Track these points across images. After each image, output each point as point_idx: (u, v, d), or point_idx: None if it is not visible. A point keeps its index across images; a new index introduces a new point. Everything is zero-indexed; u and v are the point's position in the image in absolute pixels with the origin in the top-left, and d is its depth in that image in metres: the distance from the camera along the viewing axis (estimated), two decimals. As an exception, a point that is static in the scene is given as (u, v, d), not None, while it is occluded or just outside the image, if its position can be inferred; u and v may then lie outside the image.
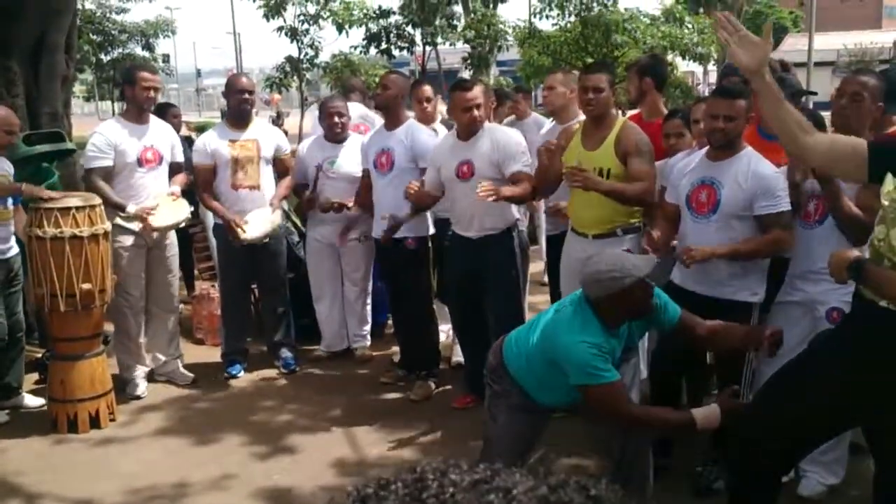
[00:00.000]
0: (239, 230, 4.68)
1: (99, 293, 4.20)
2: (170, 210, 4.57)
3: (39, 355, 4.89)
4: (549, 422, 3.09)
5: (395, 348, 5.15)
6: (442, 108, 5.53)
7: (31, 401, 4.53)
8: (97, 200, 4.24)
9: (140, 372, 4.79)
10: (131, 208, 4.45)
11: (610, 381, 2.65)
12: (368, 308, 5.38)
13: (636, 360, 3.98)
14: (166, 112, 6.68)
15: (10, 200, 4.30)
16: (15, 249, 4.36)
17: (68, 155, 5.43)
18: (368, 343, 5.35)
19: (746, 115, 3.31)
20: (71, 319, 4.18)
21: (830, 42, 32.85)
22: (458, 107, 4.10)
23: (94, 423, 4.24)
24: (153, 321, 4.87)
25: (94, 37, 21.75)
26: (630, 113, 5.06)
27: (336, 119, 4.95)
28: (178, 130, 6.50)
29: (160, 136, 4.73)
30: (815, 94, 5.18)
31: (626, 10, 14.51)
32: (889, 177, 2.34)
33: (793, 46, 32.75)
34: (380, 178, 4.61)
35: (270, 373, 5.08)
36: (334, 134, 4.98)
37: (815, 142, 2.44)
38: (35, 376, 4.84)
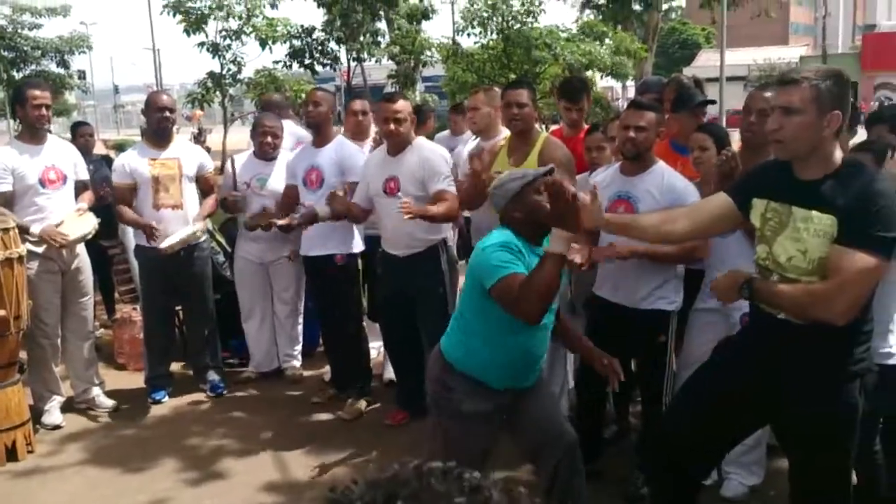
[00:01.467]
0: (156, 240, 4.56)
1: (14, 320, 4.04)
2: (75, 224, 4.44)
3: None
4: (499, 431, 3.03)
5: (327, 367, 5.10)
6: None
7: None
8: (12, 223, 4.08)
9: (56, 401, 4.62)
10: (35, 229, 4.30)
11: (514, 272, 2.63)
12: (300, 327, 5.31)
13: (563, 371, 4.06)
14: (77, 131, 6.50)
15: None
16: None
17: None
18: (299, 363, 5.28)
19: (657, 129, 3.40)
20: (-16, 348, 4.00)
21: (741, 57, 34.43)
22: (381, 118, 4.13)
23: (12, 455, 4.07)
24: (68, 348, 4.70)
25: (6, 53, 20.97)
26: (553, 128, 5.16)
27: (269, 138, 4.92)
28: (91, 149, 6.32)
29: (60, 154, 4.58)
30: (714, 102, 5.44)
31: (544, 27, 14.79)
32: (755, 200, 2.47)
33: (706, 62, 34.19)
34: (309, 194, 4.58)
35: (197, 396, 4.96)
36: (264, 152, 4.94)
37: (673, 223, 2.70)
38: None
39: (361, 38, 15.51)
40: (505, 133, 4.22)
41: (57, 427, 4.50)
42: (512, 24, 14.57)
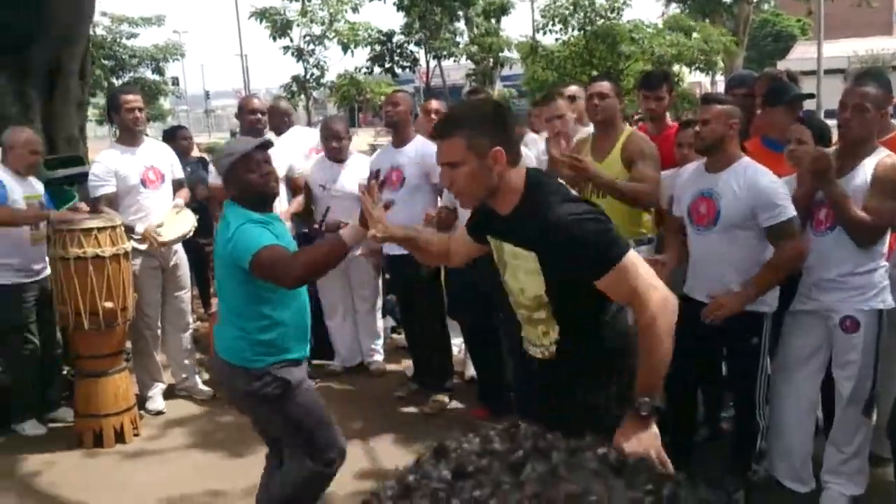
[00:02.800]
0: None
1: (121, 311, 4.33)
2: (175, 223, 4.70)
3: (64, 372, 5.03)
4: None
5: (409, 362, 5.25)
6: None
7: (67, 414, 4.66)
8: (118, 221, 4.37)
9: (158, 388, 4.92)
10: (139, 228, 4.57)
11: (269, 244, 2.70)
12: (380, 322, 5.49)
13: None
14: (176, 134, 6.85)
15: (42, 223, 4.46)
16: (49, 270, 4.51)
17: (87, 178, 5.58)
18: (382, 357, 5.45)
19: (727, 122, 3.24)
20: (94, 337, 4.30)
21: (840, 49, 32.36)
22: None
23: (120, 437, 4.37)
24: (168, 339, 5.00)
25: (106, 62, 22.02)
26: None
27: (334, 142, 5.06)
28: (189, 152, 6.65)
29: (158, 155, 4.86)
30: (812, 96, 5.22)
31: (629, 21, 14.59)
32: (489, 235, 2.41)
33: (802, 55, 32.52)
34: (389, 194, 4.71)
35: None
36: (333, 154, 5.10)
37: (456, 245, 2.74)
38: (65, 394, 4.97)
39: (439, 39, 15.69)
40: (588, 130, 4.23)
41: (159, 413, 4.80)
42: (595, 19, 14.43)
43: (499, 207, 2.25)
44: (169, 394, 5.00)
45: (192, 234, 4.82)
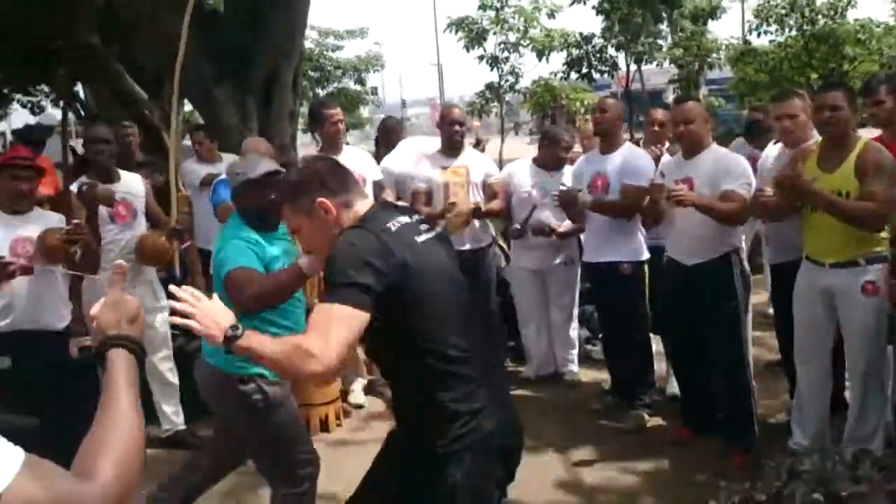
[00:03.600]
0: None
1: (330, 309, 4.53)
2: None
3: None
4: None
5: (605, 375, 5.10)
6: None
7: None
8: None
9: (359, 383, 5.10)
10: None
11: (243, 266, 2.80)
12: (575, 332, 5.39)
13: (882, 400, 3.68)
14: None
15: None
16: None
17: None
18: (577, 368, 5.34)
19: None
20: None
21: None
22: (672, 121, 4.13)
23: (324, 427, 4.60)
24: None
25: (313, 73, 23.40)
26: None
27: (557, 150, 5.06)
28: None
29: (357, 162, 5.01)
30: None
31: (855, 20, 13.42)
32: None
33: None
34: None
35: (481, 392, 5.19)
36: (547, 162, 5.08)
37: None
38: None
39: (641, 42, 15.22)
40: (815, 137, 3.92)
41: (360, 406, 4.98)
42: (816, 19, 13.40)
43: None
44: (369, 389, 5.17)
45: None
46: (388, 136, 5.98)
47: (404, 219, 2.17)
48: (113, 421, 1.23)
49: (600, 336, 5.53)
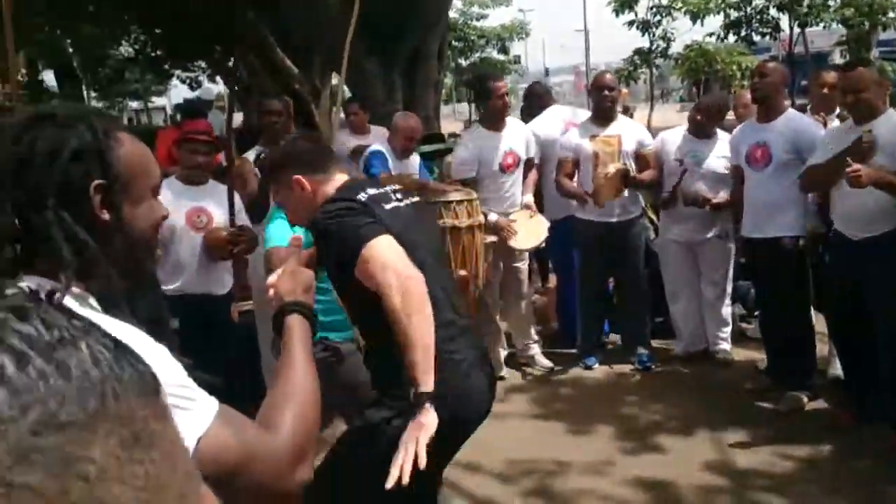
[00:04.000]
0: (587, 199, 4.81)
1: (473, 279, 4.53)
2: (529, 231, 4.79)
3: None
4: None
5: (760, 354, 4.85)
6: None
7: None
8: (475, 195, 4.56)
9: (500, 354, 5.09)
10: (492, 217, 4.69)
11: (276, 246, 2.86)
12: (728, 309, 5.14)
13: None
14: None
15: None
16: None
17: (446, 153, 5.95)
18: (729, 346, 5.10)
19: None
20: (449, 303, 4.56)
21: None
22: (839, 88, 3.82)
23: (466, 398, 4.60)
24: (509, 308, 5.14)
25: (456, 43, 23.49)
26: None
27: (700, 116, 4.87)
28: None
29: (517, 138, 4.95)
30: None
31: None
32: None
33: None
34: (754, 173, 4.35)
35: (625, 368, 5.09)
36: (699, 129, 4.85)
37: None
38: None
39: (808, 2, 14.18)
40: None
41: (501, 378, 4.97)
42: None
43: None
44: (509, 361, 5.15)
45: (542, 245, 4.89)
46: (533, 103, 5.88)
47: (373, 190, 2.30)
48: (292, 381, 1.33)
49: (756, 313, 5.25)
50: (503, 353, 5.12)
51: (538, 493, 3.59)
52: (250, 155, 4.41)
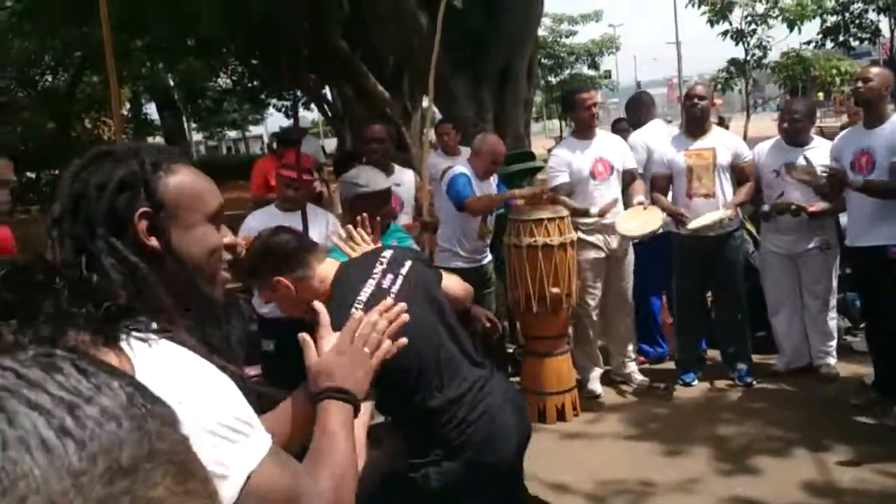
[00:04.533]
0: (684, 219, 4.73)
1: (566, 297, 4.54)
2: (641, 220, 4.69)
3: (511, 350, 5.47)
4: None
5: (867, 369, 4.66)
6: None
7: None
8: (565, 212, 4.59)
9: (596, 372, 5.06)
10: (593, 210, 4.71)
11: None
12: (833, 323, 4.97)
13: None
14: (617, 127, 6.99)
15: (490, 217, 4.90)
16: (489, 257, 4.95)
17: (537, 171, 5.97)
18: (834, 360, 4.93)
19: None
20: (541, 320, 4.59)
21: None
22: None
23: (561, 415, 4.60)
24: (610, 326, 5.11)
25: (546, 61, 23.51)
26: None
27: (786, 124, 4.77)
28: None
29: (609, 147, 4.93)
30: None
31: None
32: None
33: None
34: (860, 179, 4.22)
35: (725, 384, 4.98)
36: (791, 137, 4.74)
37: None
38: (508, 369, 5.40)
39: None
40: None
41: (597, 396, 4.94)
42: None
43: None
44: (606, 379, 5.12)
45: (658, 231, 4.80)
46: (637, 112, 5.80)
47: (371, 284, 2.19)
48: (334, 447, 1.34)
49: (862, 326, 5.06)
50: (599, 371, 5.09)
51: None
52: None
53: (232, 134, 47.11)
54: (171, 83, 22.65)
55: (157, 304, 1.16)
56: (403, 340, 1.51)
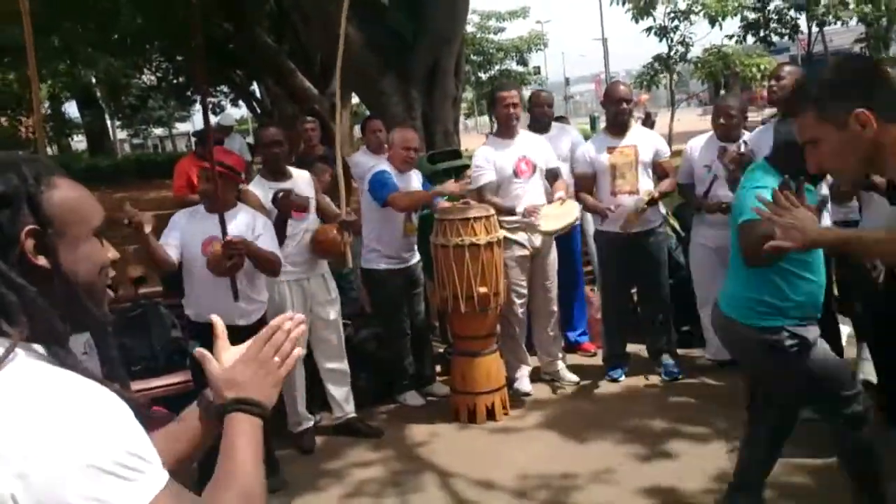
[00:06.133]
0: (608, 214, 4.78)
1: (493, 296, 4.53)
2: (557, 214, 4.74)
3: (441, 350, 5.45)
4: None
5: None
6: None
7: (440, 389, 5.07)
8: (492, 211, 4.57)
9: (524, 371, 5.07)
10: (519, 208, 4.70)
11: (753, 220, 2.60)
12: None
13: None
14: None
15: (414, 215, 4.86)
16: (417, 257, 4.92)
17: (464, 170, 5.94)
18: (757, 353, 5.04)
19: None
20: (470, 320, 4.57)
21: None
22: None
23: (491, 414, 4.60)
24: (535, 324, 5.13)
25: (475, 57, 23.56)
26: None
27: (722, 119, 4.80)
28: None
29: (531, 147, 4.94)
30: None
31: None
32: None
33: None
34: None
35: (652, 379, 5.05)
36: (725, 134, 4.82)
37: None
38: (437, 369, 5.38)
39: (826, 1, 14.07)
40: None
41: (526, 394, 4.96)
42: None
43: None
44: (534, 377, 5.13)
45: (577, 223, 4.83)
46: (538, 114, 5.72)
47: None
48: (237, 463, 1.23)
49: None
50: (528, 369, 5.10)
51: (553, 506, 3.58)
52: (256, 188, 4.31)
53: (158, 131, 45.97)
54: (93, 80, 21.91)
55: (47, 327, 1.09)
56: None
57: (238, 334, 1.44)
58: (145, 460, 1.04)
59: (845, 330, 4.53)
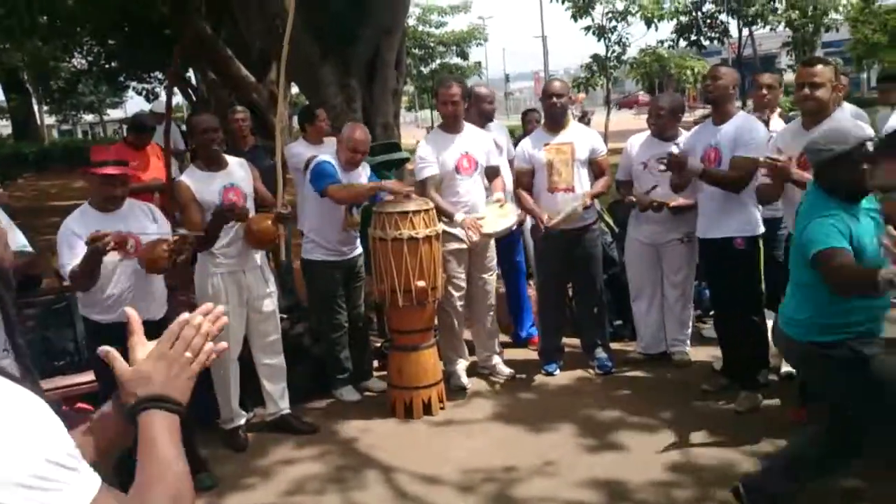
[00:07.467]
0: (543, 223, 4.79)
1: (431, 290, 4.52)
2: (496, 217, 4.75)
3: (378, 344, 5.42)
4: None
5: (716, 353, 4.91)
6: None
7: (376, 384, 5.04)
8: (431, 204, 4.56)
9: (462, 365, 5.08)
10: (459, 217, 4.68)
11: (832, 246, 2.75)
12: (689, 311, 5.20)
13: None
14: (528, 117, 7.04)
15: (356, 209, 4.80)
16: (358, 250, 4.87)
17: (403, 163, 5.92)
18: (688, 348, 5.16)
19: None
20: (408, 314, 4.55)
21: None
22: (796, 83, 3.89)
23: (428, 409, 4.59)
24: (473, 318, 5.14)
25: (416, 51, 23.52)
26: None
27: (652, 118, 4.91)
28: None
29: (474, 143, 4.94)
30: None
31: None
32: None
33: None
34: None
35: (586, 373, 5.12)
36: (659, 132, 4.91)
37: None
38: (374, 364, 5.34)
39: (755, 7, 14.48)
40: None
41: (463, 388, 4.96)
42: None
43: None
44: (471, 371, 5.15)
45: (514, 227, 4.87)
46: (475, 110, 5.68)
47: None
48: (161, 461, 1.18)
49: (711, 314, 5.32)
50: (465, 363, 5.12)
51: (497, 499, 3.59)
52: (189, 178, 4.17)
53: (88, 118, 44.53)
54: (21, 63, 21.10)
55: None
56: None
57: (150, 330, 1.36)
58: (67, 468, 0.98)
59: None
